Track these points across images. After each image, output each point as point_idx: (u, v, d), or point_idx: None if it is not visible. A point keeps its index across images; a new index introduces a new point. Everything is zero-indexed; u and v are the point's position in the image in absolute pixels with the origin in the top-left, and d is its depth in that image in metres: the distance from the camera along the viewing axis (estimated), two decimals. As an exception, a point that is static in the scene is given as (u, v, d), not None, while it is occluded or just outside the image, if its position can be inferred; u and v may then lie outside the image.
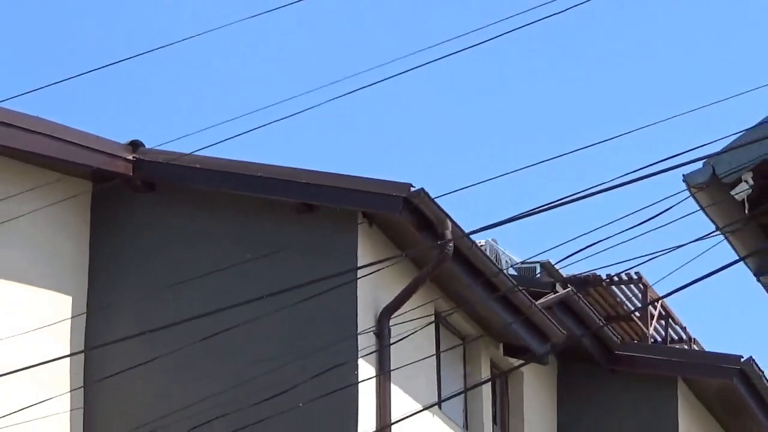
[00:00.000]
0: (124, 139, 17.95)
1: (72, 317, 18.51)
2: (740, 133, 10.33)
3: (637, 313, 23.75)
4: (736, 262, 10.65)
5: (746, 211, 11.38)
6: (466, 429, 19.84)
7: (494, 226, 11.89)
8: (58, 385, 17.69)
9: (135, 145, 17.82)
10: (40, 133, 17.54)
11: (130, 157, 17.90)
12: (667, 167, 8.69)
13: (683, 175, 10.24)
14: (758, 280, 11.16)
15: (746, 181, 11.11)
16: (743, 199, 11.28)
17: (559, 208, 10.48)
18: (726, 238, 11.24)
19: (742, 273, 12.61)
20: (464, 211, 19.73)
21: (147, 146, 18.05)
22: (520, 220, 11.44)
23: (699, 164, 10.15)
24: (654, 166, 8.44)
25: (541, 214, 10.31)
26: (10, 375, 15.84)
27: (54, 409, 17.51)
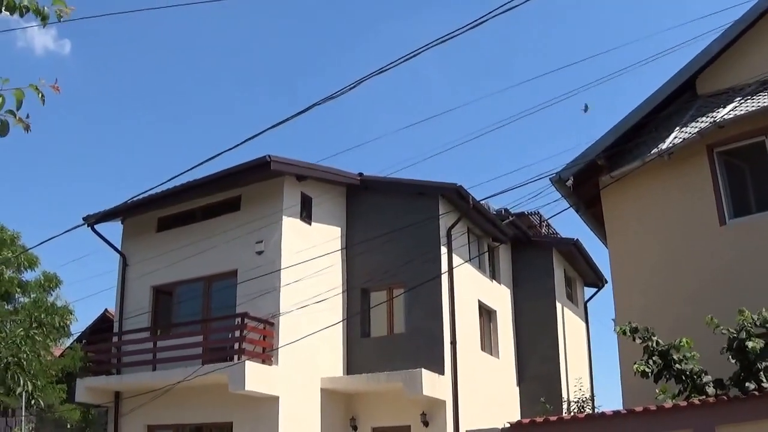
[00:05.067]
0: (356, 171, 26.95)
1: (340, 239, 26.81)
2: (568, 161, 17.73)
3: (537, 224, 31.90)
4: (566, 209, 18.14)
5: (571, 189, 17.73)
6: (484, 271, 28.47)
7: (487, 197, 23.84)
8: (335, 257, 25.98)
9: (360, 173, 26.72)
10: (330, 172, 25.91)
11: (359, 178, 26.74)
12: (543, 176, 16.82)
13: (549, 179, 17.33)
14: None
15: (569, 179, 17.69)
16: (570, 186, 17.98)
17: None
18: (565, 199, 17.90)
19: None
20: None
21: (365, 173, 27.01)
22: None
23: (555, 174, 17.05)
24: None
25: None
26: (325, 256, 24.76)
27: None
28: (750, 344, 12.38)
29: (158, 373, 24.00)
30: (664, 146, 16.33)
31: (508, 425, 13.56)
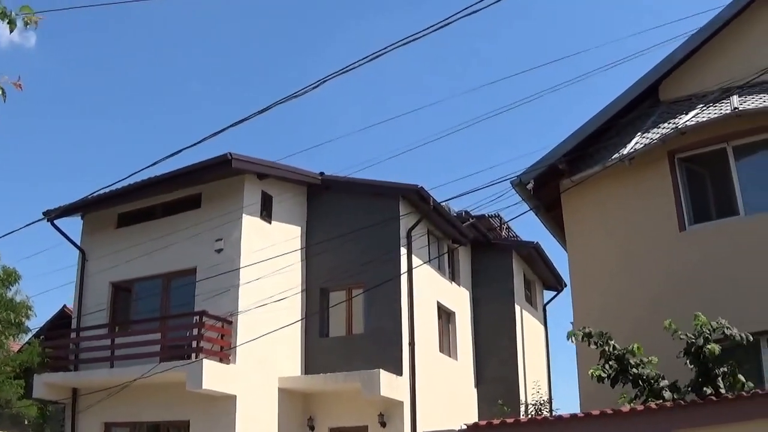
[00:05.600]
0: (318, 170, 26.52)
1: (300, 237, 26.67)
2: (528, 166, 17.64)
3: (497, 227, 31.80)
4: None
5: (532, 193, 17.57)
6: (443, 273, 28.54)
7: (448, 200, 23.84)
8: (295, 256, 25.64)
9: (321, 173, 26.41)
10: (291, 171, 25.68)
11: (320, 177, 26.56)
12: (504, 179, 16.89)
13: (510, 182, 17.34)
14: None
15: (530, 182, 17.54)
16: (530, 189, 17.89)
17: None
18: (526, 202, 17.74)
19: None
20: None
21: (326, 173, 26.54)
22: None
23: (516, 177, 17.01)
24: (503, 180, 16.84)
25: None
26: (285, 255, 24.45)
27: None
28: (709, 347, 12.36)
29: (116, 370, 23.82)
30: (625, 151, 16.26)
31: (465, 427, 13.44)
